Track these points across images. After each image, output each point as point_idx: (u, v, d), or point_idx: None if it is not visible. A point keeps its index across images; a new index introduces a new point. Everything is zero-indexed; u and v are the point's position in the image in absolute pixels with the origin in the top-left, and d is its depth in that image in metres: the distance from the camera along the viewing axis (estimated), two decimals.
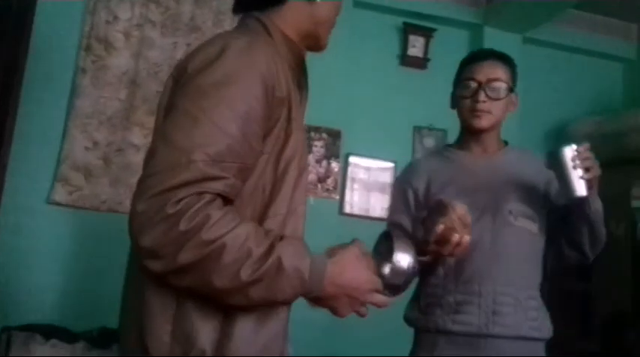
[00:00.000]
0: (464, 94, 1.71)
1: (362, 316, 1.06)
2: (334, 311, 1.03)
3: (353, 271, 1.01)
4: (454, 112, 4.07)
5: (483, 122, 1.68)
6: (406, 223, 1.70)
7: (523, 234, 1.63)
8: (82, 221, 2.90)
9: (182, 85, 1.00)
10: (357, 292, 1.01)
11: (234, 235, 0.88)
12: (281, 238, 0.95)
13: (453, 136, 3.51)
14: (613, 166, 3.26)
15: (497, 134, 1.75)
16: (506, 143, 1.79)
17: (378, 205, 3.38)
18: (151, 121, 2.99)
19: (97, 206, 2.92)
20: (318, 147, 3.26)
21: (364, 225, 3.23)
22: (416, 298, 1.71)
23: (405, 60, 3.53)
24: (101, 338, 2.69)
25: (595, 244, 1.63)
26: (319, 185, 3.24)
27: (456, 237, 1.41)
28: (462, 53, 3.60)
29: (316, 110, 3.40)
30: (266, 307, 0.97)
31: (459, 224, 1.42)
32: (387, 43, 3.54)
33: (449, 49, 3.59)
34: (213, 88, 0.95)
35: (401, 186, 1.78)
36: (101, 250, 2.79)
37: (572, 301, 1.78)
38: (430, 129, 3.52)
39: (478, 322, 1.56)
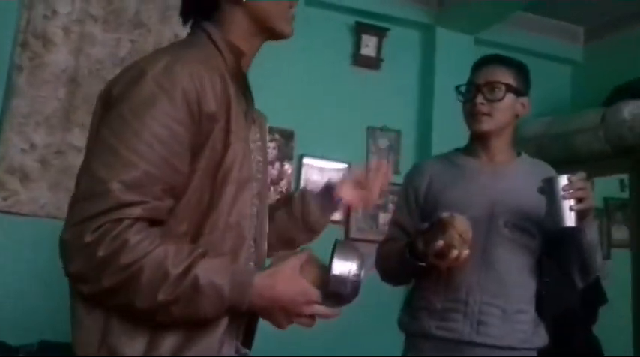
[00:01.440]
0: (465, 98, 1.71)
1: (307, 326, 1.06)
2: (272, 323, 1.04)
3: (285, 283, 1.01)
4: (408, 112, 4.06)
5: (484, 125, 1.66)
6: (407, 222, 1.74)
7: (516, 247, 1.61)
8: (18, 228, 2.73)
9: (106, 110, 1.01)
10: (291, 304, 1.01)
11: (150, 258, 0.92)
12: (203, 255, 0.96)
13: (406, 137, 3.57)
14: (563, 166, 3.34)
15: (506, 141, 1.73)
16: (519, 154, 1.77)
17: None
18: None
19: (34, 212, 2.76)
20: (271, 148, 3.17)
21: None
22: (408, 302, 1.72)
23: (358, 60, 3.49)
24: (42, 352, 2.54)
25: (585, 274, 1.63)
26: (272, 188, 3.16)
27: (454, 253, 1.43)
28: (415, 54, 3.65)
29: (268, 111, 3.30)
30: (194, 323, 0.99)
31: (459, 240, 1.43)
32: (339, 42, 3.48)
33: (402, 49, 3.58)
34: (130, 114, 0.96)
35: (404, 186, 1.82)
36: (40, 259, 2.63)
37: None
38: (383, 130, 3.49)
39: (462, 330, 1.56)
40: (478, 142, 1.72)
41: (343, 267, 1.05)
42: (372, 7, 3.45)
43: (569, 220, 1.44)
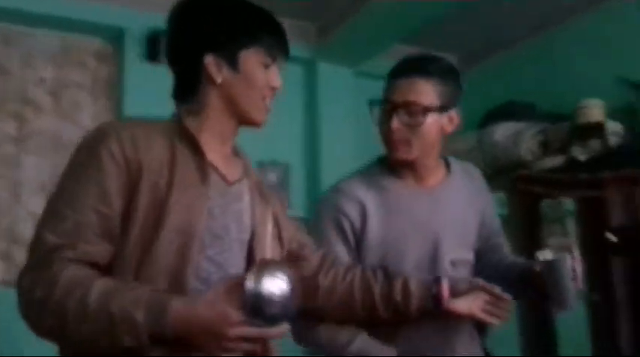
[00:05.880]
0: (380, 119, 1.43)
1: (237, 350, 1.02)
2: (204, 350, 1.02)
3: (204, 307, 1.00)
4: (295, 146, 4.00)
5: (403, 155, 1.40)
6: (345, 257, 1.41)
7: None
8: None
9: None
10: (211, 327, 0.98)
11: (75, 295, 0.97)
12: (122, 287, 1.00)
13: (295, 170, 3.54)
14: None
15: (434, 161, 1.47)
16: (447, 164, 1.53)
17: None
18: None
19: None
20: None
21: None
22: None
23: None
24: None
25: None
26: None
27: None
28: (298, 88, 3.65)
29: None
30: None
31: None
32: None
33: (284, 83, 3.57)
34: (63, 177, 1.10)
35: (335, 215, 1.43)
36: None
37: None
38: (274, 164, 3.44)
39: None
40: (401, 163, 1.45)
41: (267, 288, 1.00)
42: None
43: (573, 302, 1.33)
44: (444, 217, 1.45)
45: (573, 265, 1.32)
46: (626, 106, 2.98)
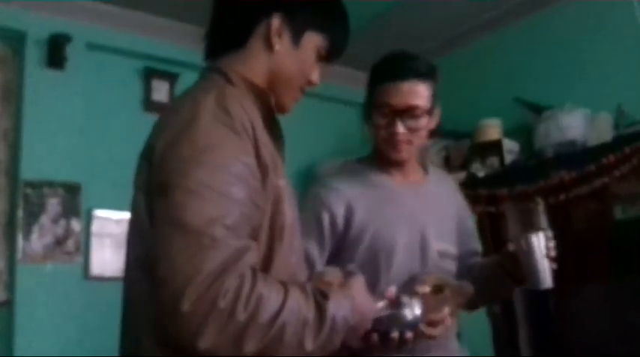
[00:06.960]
0: (379, 122, 1.45)
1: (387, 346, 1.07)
2: (346, 342, 0.98)
3: (366, 302, 1.02)
4: None
5: (403, 155, 1.47)
6: (314, 252, 1.41)
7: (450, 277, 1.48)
8: None
9: (160, 161, 0.92)
10: (364, 322, 1.01)
11: (288, 308, 0.85)
12: (321, 293, 0.92)
13: None
14: None
15: (416, 158, 1.57)
16: (422, 164, 1.61)
17: None
18: None
19: None
20: (54, 205, 2.86)
21: (119, 287, 2.90)
22: None
23: (149, 105, 3.33)
24: None
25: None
26: (58, 248, 2.83)
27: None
28: None
29: (49, 163, 3.03)
30: None
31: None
32: (127, 88, 3.30)
33: None
34: (201, 155, 0.88)
35: (316, 207, 1.44)
36: None
37: None
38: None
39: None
40: (392, 162, 1.51)
41: (406, 308, 1.07)
42: (161, 52, 3.34)
43: (550, 280, 1.37)
44: (430, 210, 1.50)
45: (548, 243, 1.38)
46: (522, 126, 3.19)
